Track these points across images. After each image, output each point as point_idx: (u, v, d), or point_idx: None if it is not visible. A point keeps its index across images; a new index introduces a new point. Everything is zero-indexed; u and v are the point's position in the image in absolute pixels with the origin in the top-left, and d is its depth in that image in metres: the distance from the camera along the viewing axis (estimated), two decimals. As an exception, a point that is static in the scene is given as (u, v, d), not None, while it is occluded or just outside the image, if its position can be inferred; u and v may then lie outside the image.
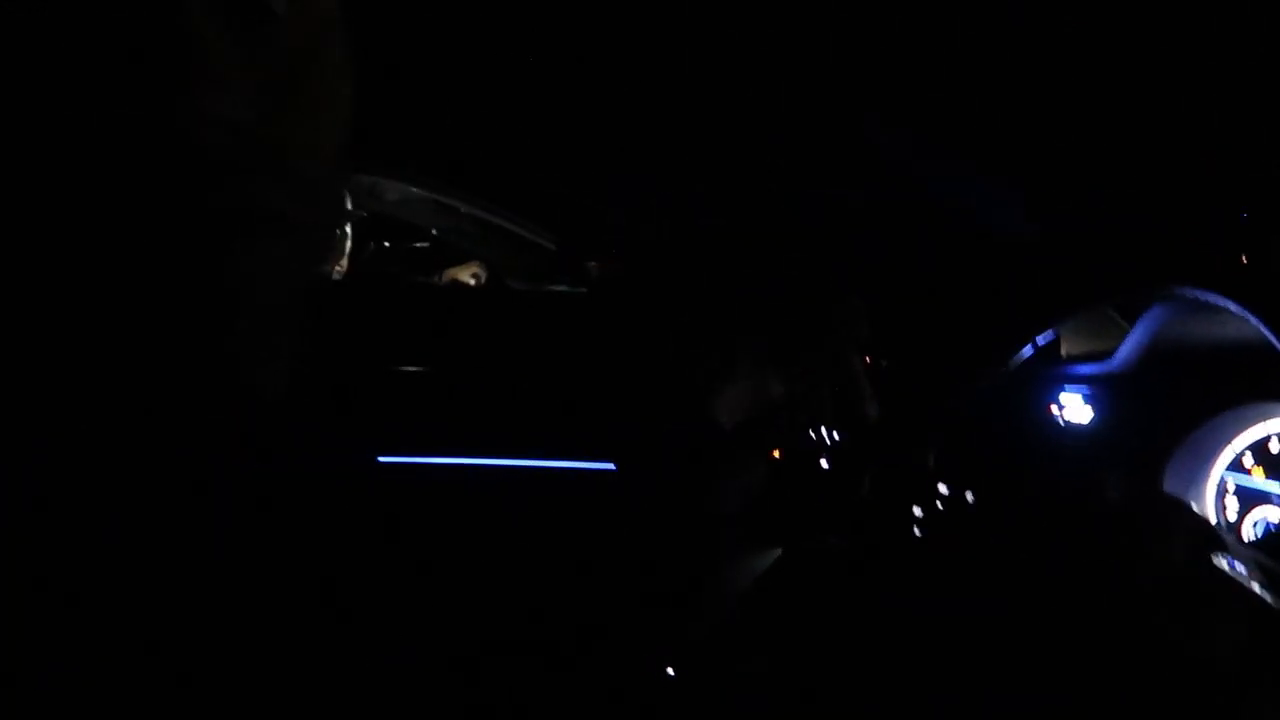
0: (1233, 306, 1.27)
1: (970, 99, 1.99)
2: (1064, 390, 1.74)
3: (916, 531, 1.58)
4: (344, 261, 2.75)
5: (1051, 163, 1.90)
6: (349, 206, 2.81)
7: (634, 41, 2.57)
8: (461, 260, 3.24)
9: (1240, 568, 1.04)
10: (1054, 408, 1.72)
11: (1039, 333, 1.55)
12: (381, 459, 1.91)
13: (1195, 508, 1.36)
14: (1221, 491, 1.50)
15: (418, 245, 3.20)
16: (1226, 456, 1.47)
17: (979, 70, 1.91)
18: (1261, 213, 1.49)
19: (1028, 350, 1.56)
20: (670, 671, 1.65)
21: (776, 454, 2.05)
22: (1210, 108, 1.60)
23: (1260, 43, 1.45)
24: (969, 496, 1.54)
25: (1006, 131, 2.00)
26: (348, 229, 2.77)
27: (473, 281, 3.14)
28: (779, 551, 1.65)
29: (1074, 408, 1.72)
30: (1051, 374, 1.79)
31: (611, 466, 1.86)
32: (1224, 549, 1.10)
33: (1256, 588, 1.01)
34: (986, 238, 2.01)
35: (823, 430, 1.87)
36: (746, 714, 1.41)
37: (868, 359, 1.97)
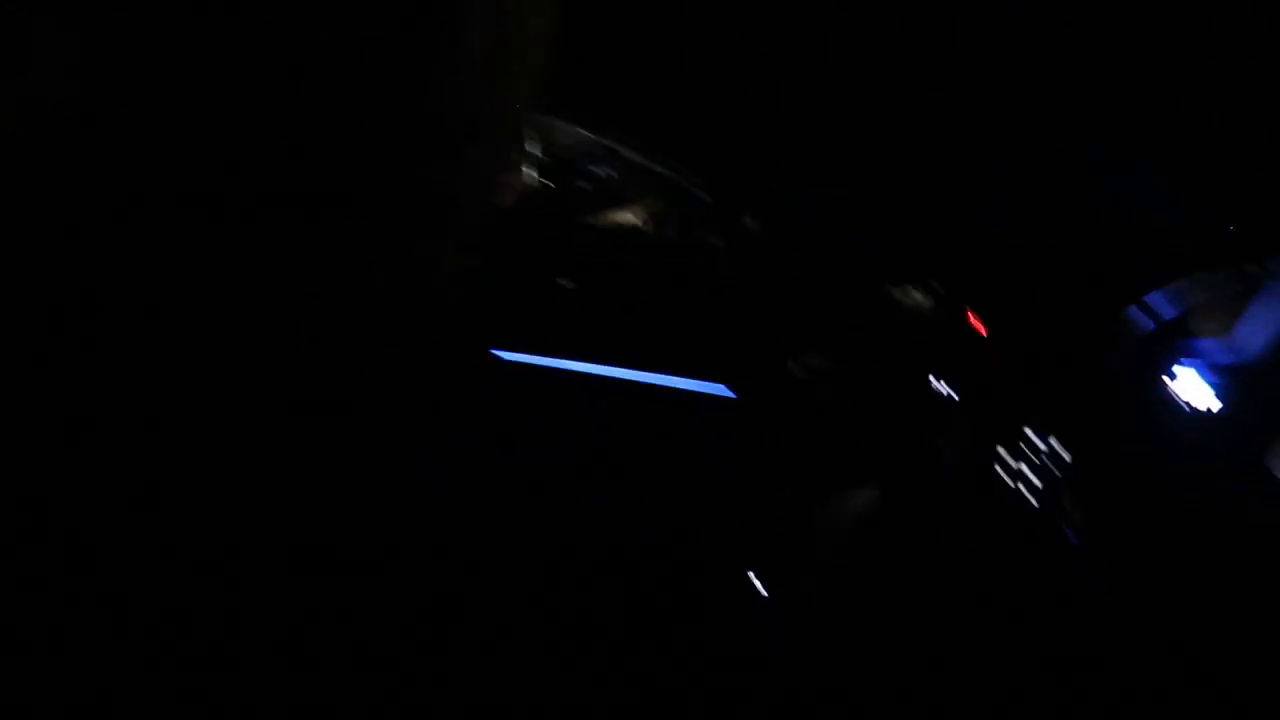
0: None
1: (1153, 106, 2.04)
2: (1181, 364, 1.80)
3: (1009, 481, 1.70)
4: (515, 194, 3.00)
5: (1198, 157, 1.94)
6: (525, 146, 3.05)
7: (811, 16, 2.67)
8: (622, 204, 3.44)
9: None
10: (1169, 380, 1.79)
11: (1159, 315, 1.62)
12: (534, 360, 2.15)
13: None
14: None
15: (583, 186, 3.42)
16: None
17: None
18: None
19: (1148, 324, 1.63)
20: (765, 592, 1.82)
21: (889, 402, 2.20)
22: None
23: None
24: (1065, 453, 1.66)
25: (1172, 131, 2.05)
26: (522, 166, 3.01)
27: (632, 224, 3.35)
28: (877, 492, 1.81)
29: (1188, 382, 1.78)
30: (1174, 348, 1.85)
31: (727, 391, 2.05)
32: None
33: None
34: (1132, 221, 2.06)
35: (940, 383, 2.00)
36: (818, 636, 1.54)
37: (982, 325, 2.08)
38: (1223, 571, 1.40)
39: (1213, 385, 1.74)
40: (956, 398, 1.98)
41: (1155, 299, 1.76)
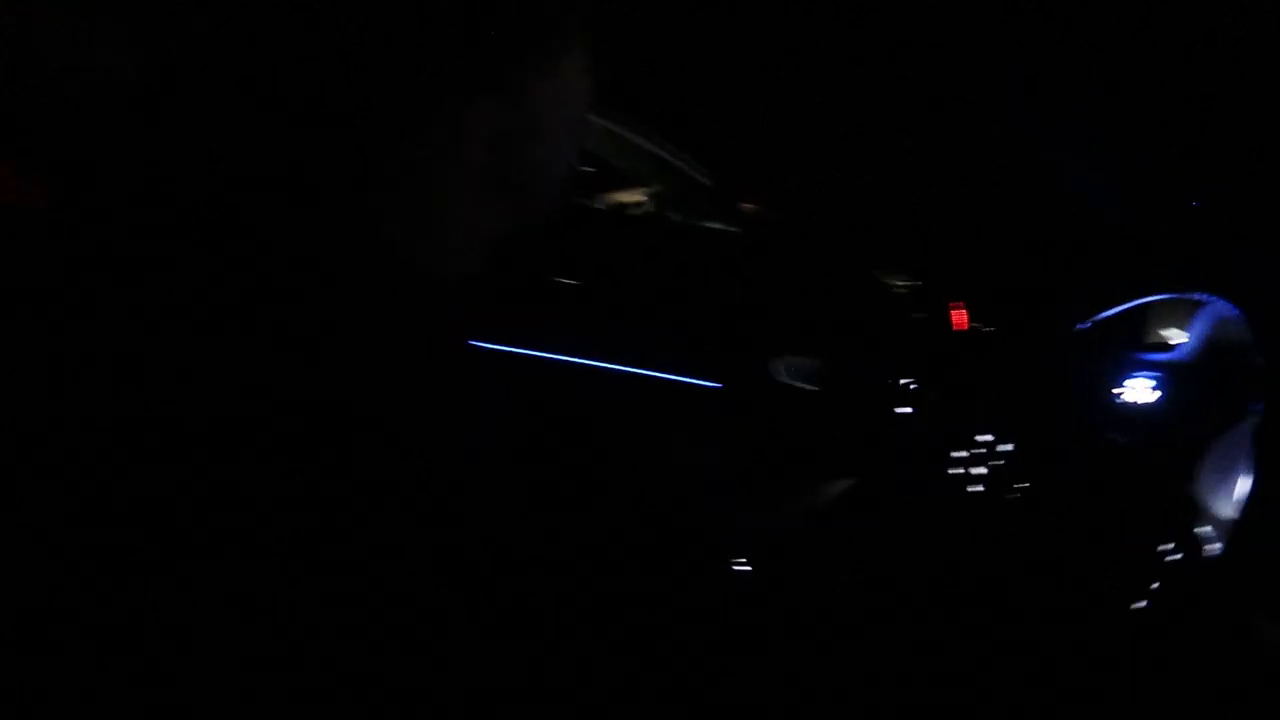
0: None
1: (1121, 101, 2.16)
2: (1133, 375, 1.95)
3: (952, 470, 1.85)
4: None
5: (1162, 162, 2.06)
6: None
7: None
8: (625, 186, 3.54)
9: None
10: (1117, 388, 1.93)
11: (1096, 311, 1.76)
12: (537, 353, 2.27)
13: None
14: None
15: (585, 169, 3.53)
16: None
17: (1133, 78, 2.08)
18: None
19: (1084, 325, 1.77)
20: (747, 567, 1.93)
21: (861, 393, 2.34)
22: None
23: None
24: (1006, 446, 1.80)
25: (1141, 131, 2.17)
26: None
27: (635, 207, 3.46)
28: (850, 481, 1.95)
29: (1138, 389, 1.92)
30: (1125, 358, 1.99)
31: (718, 385, 2.19)
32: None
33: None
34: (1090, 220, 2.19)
35: (901, 380, 2.14)
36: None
37: (965, 318, 2.21)
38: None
39: (1158, 388, 1.90)
40: (926, 391, 2.13)
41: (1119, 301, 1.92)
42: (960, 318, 2.31)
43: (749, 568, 1.83)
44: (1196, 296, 1.83)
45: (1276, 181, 1.92)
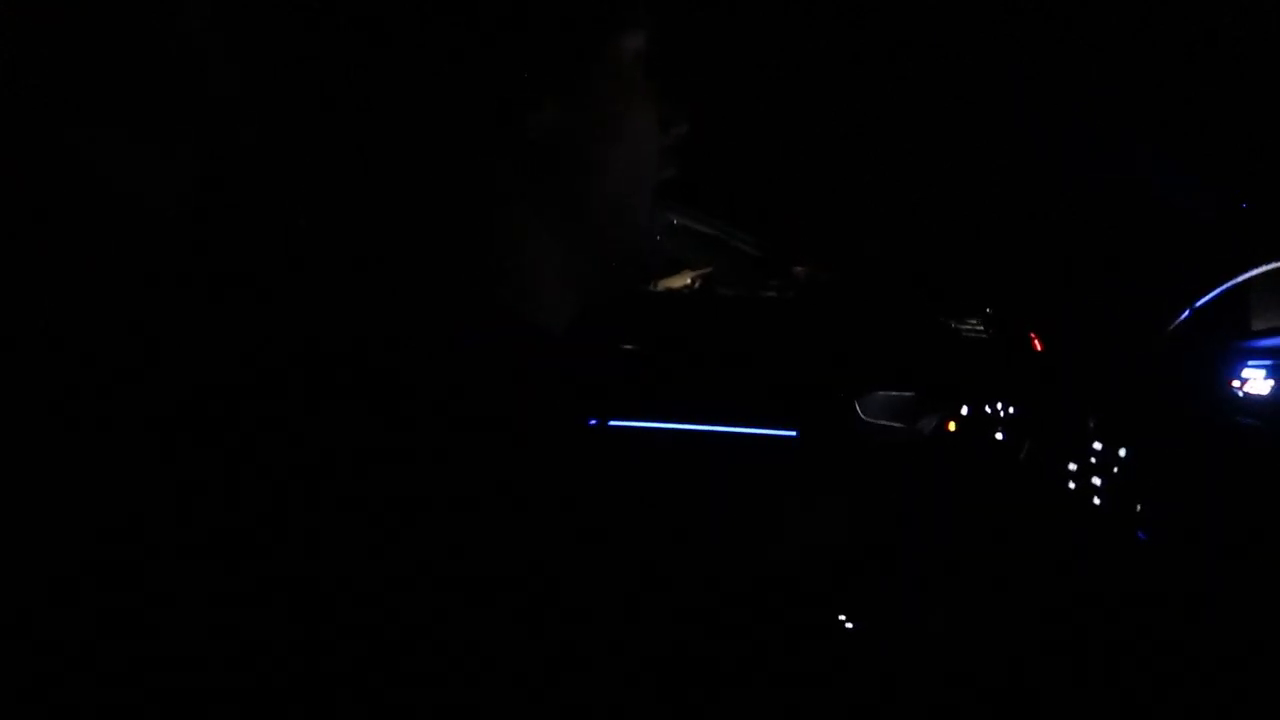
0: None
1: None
2: (1247, 365, 1.78)
3: (1071, 485, 1.69)
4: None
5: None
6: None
7: (844, 49, 2.73)
8: (674, 270, 3.51)
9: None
10: (1235, 381, 1.76)
11: (1194, 299, 1.62)
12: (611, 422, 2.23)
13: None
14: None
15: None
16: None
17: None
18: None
19: (1184, 314, 1.63)
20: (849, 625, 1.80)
21: (951, 426, 2.20)
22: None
23: None
24: (1121, 453, 1.64)
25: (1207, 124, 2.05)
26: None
27: (685, 288, 3.41)
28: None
29: (1256, 381, 1.75)
30: (1237, 348, 1.83)
31: (793, 433, 2.08)
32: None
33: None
34: (1165, 217, 2.06)
35: (997, 405, 2.00)
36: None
37: (1037, 340, 2.08)
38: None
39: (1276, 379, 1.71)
40: (1021, 415, 1.98)
41: (1211, 296, 1.76)
42: (1039, 340, 2.18)
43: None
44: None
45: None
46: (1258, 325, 1.79)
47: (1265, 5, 1.88)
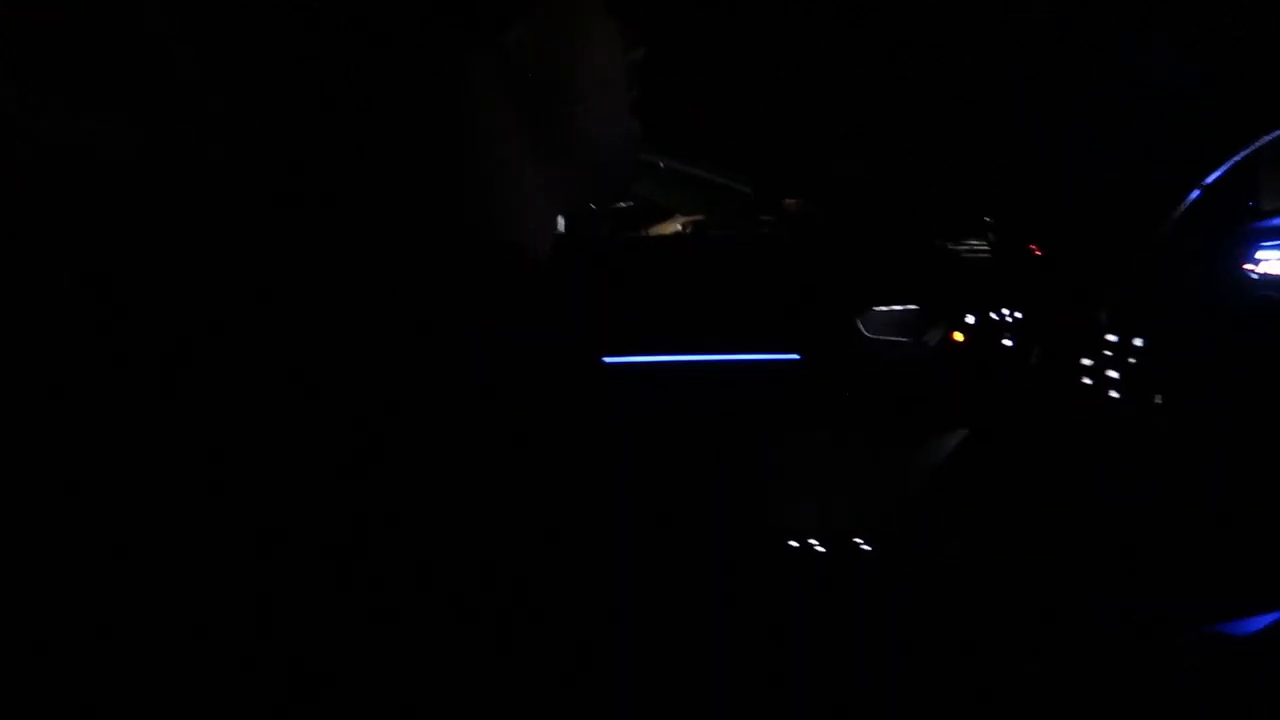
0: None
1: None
2: (1261, 246, 1.70)
3: (1086, 381, 1.61)
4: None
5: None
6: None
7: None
8: (663, 218, 3.44)
9: None
10: (1249, 263, 1.69)
11: (1200, 176, 1.54)
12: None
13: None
14: None
15: (622, 205, 3.43)
16: None
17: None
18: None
19: (1194, 194, 1.55)
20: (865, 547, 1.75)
21: (957, 336, 2.13)
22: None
23: None
24: (1137, 343, 1.56)
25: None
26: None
27: (679, 228, 3.34)
28: (965, 431, 1.74)
29: (1272, 261, 1.68)
30: (1250, 230, 1.75)
31: (796, 357, 2.02)
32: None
33: None
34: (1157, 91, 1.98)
35: (1002, 311, 1.93)
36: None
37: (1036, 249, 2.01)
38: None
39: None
40: (1027, 321, 1.91)
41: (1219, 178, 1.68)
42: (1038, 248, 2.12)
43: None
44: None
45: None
46: (1269, 204, 1.71)
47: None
